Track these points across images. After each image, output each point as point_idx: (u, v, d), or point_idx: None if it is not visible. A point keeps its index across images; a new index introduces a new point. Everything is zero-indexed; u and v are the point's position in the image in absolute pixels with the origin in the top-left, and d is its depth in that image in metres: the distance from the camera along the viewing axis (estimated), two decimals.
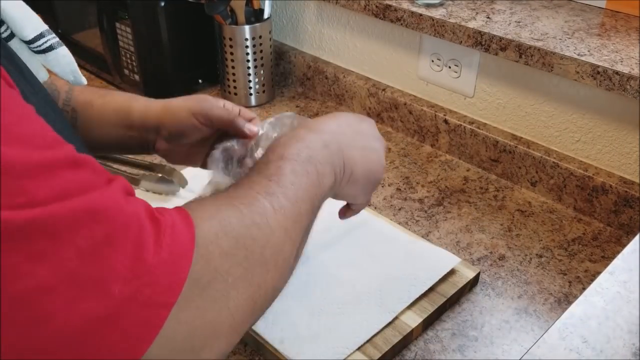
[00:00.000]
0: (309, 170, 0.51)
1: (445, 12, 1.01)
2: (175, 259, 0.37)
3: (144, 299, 0.34)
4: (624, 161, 0.91)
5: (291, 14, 1.31)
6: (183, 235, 0.38)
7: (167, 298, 0.36)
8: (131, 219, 0.36)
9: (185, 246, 0.38)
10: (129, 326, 0.34)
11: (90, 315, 0.33)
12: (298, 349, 0.68)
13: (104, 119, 0.70)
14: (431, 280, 0.76)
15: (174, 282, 0.36)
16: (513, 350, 0.72)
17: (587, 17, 0.99)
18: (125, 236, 0.35)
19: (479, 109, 1.06)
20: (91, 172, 0.36)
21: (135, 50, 1.18)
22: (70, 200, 0.33)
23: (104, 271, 0.33)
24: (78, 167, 0.35)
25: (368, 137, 0.62)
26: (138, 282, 0.34)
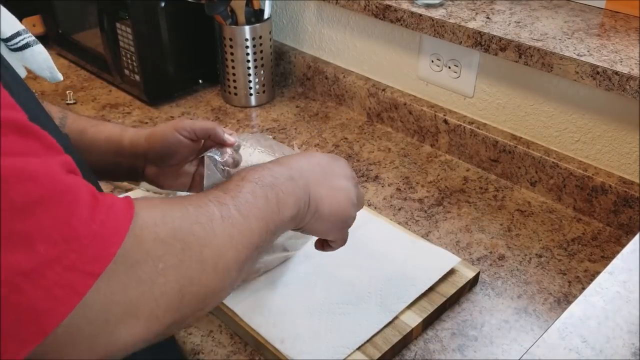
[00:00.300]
0: (269, 196, 0.52)
1: (445, 12, 1.02)
2: (107, 234, 0.37)
3: (69, 264, 0.35)
4: (623, 161, 0.91)
5: (291, 14, 1.31)
6: (120, 214, 0.39)
7: (93, 268, 0.36)
8: (68, 188, 0.37)
9: (120, 224, 0.39)
10: (51, 286, 0.35)
11: (14, 268, 0.34)
12: (298, 349, 0.68)
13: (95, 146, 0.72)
14: (431, 280, 0.76)
15: (102, 255, 0.37)
16: (513, 350, 0.72)
17: (587, 18, 0.99)
18: (60, 201, 0.36)
19: (479, 109, 1.06)
20: (38, 143, 0.37)
21: (135, 50, 1.18)
22: (11, 159, 0.34)
23: (32, 228, 0.34)
24: (26, 134, 0.36)
25: (338, 176, 0.62)
26: (65, 247, 0.35)
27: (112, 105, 1.26)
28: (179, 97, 1.29)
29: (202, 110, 1.24)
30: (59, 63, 1.42)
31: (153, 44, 1.19)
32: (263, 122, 1.20)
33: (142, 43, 1.18)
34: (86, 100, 1.27)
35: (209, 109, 1.25)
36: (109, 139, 0.72)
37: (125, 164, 0.73)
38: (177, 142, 0.70)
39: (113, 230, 0.38)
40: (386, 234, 0.85)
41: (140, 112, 1.23)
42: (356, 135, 1.16)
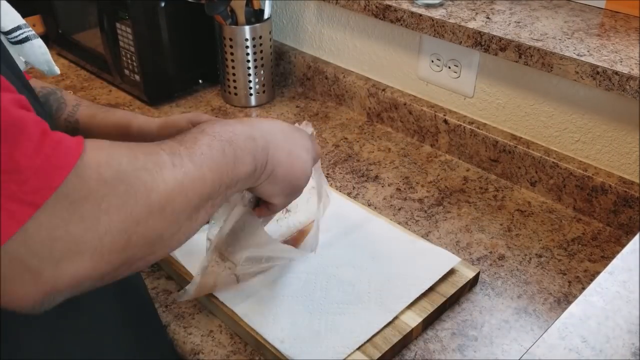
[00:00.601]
0: (226, 150, 0.51)
1: (445, 12, 1.02)
2: (50, 169, 0.38)
3: (9, 193, 0.36)
4: (623, 161, 0.91)
5: (291, 14, 1.31)
6: (67, 151, 0.40)
7: (33, 198, 0.37)
8: (15, 121, 0.37)
9: (64, 160, 0.39)
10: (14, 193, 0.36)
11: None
12: (298, 349, 0.68)
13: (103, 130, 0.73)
14: (431, 280, 0.76)
15: (43, 187, 0.38)
16: (513, 350, 0.72)
17: (587, 18, 0.99)
18: (4, 133, 0.37)
19: (479, 109, 1.06)
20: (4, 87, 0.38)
21: (135, 50, 1.18)
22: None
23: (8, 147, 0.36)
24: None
25: (298, 146, 0.63)
26: (6, 177, 0.36)
27: (112, 105, 1.26)
28: (179, 97, 1.29)
29: (202, 110, 1.24)
30: (59, 63, 1.42)
31: (153, 44, 1.19)
32: None
33: (142, 43, 1.18)
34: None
35: (209, 109, 1.25)
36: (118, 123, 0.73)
37: None
38: None
39: (57, 164, 0.39)
40: (386, 234, 0.85)
41: (140, 112, 1.23)
42: (356, 135, 1.16)
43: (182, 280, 0.79)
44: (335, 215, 0.88)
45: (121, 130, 0.73)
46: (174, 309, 0.77)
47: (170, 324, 0.75)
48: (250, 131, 0.56)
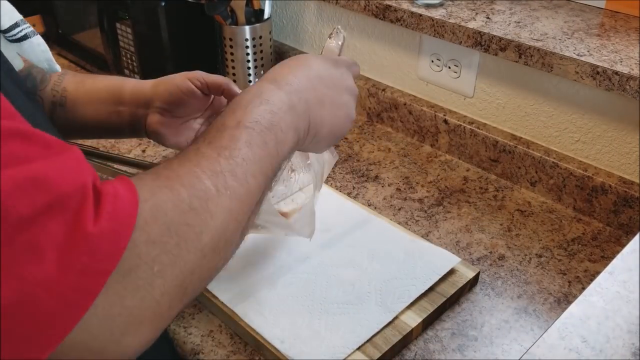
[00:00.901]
0: (267, 140, 0.48)
1: (445, 12, 1.02)
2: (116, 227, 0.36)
3: (81, 267, 0.35)
4: (623, 161, 0.91)
5: (291, 14, 1.31)
6: (126, 202, 0.38)
7: (106, 265, 0.35)
8: (73, 189, 0.36)
9: (128, 214, 0.37)
10: (65, 291, 0.34)
11: (28, 279, 0.33)
12: (298, 349, 0.68)
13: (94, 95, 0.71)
14: (431, 280, 0.76)
15: (113, 250, 0.36)
16: (513, 350, 0.72)
17: (587, 18, 0.99)
18: (65, 205, 0.35)
19: (479, 109, 1.06)
20: (40, 145, 0.36)
21: (135, 50, 1.18)
22: (14, 169, 0.33)
23: (40, 237, 0.34)
24: (28, 139, 0.35)
25: (340, 89, 0.57)
26: (75, 250, 0.34)
27: None
28: None
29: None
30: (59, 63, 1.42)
31: (153, 44, 1.19)
32: None
33: (142, 43, 1.18)
34: None
35: None
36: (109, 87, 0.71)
37: (127, 113, 0.71)
38: (188, 90, 0.68)
39: (121, 221, 0.37)
40: (386, 234, 0.85)
41: None
42: (356, 135, 1.16)
43: None
44: (335, 215, 0.88)
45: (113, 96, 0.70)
46: None
47: (170, 324, 0.75)
48: (289, 98, 0.51)
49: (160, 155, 1.08)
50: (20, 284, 0.33)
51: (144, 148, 1.10)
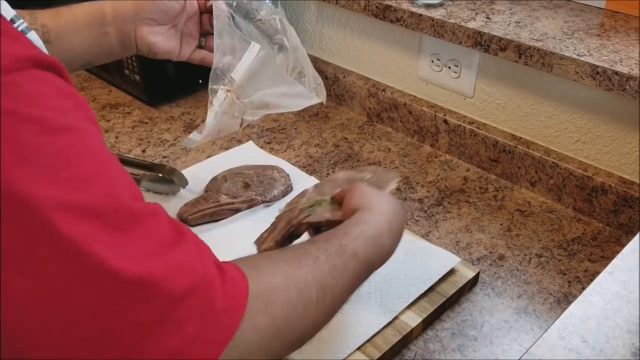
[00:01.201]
0: (361, 271, 0.56)
1: (445, 12, 1.02)
2: (234, 306, 0.43)
3: (207, 338, 0.41)
4: (623, 161, 0.91)
5: (291, 14, 1.31)
6: (240, 287, 0.44)
7: (223, 338, 0.42)
8: (209, 273, 0.42)
9: (242, 297, 0.44)
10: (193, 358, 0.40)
11: (167, 349, 0.39)
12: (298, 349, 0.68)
13: (75, 24, 0.72)
14: (431, 280, 0.76)
15: (231, 325, 0.42)
16: (513, 350, 0.72)
17: (587, 18, 0.99)
18: (205, 287, 0.41)
19: (479, 109, 1.06)
20: (166, 223, 0.42)
21: None
22: (160, 258, 0.39)
23: (184, 313, 0.40)
24: (156, 216, 0.42)
25: (402, 218, 0.65)
26: (206, 325, 0.41)
27: (112, 105, 1.26)
28: (179, 97, 1.29)
29: (202, 110, 1.24)
30: None
31: None
32: (263, 122, 1.20)
33: None
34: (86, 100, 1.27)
35: None
36: (89, 12, 0.73)
37: (114, 33, 0.73)
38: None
39: (238, 302, 0.43)
40: None
41: (140, 112, 1.23)
42: (356, 135, 1.16)
43: None
44: None
45: (96, 19, 0.72)
46: None
47: None
48: (379, 238, 0.59)
49: (160, 155, 1.08)
50: (162, 352, 0.39)
51: (144, 148, 1.10)
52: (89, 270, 0.36)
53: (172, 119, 1.21)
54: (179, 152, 1.10)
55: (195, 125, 1.18)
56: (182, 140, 1.13)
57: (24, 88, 0.37)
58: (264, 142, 1.12)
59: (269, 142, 1.13)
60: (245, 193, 0.91)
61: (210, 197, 0.90)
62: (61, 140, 0.37)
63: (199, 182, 0.96)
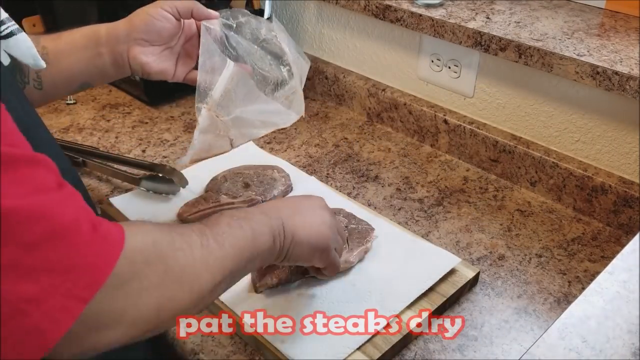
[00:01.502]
0: (244, 226, 0.57)
1: (445, 12, 1.02)
2: (99, 264, 0.43)
3: (65, 292, 0.41)
4: (623, 161, 0.91)
5: (291, 14, 1.31)
6: (112, 245, 0.45)
7: (85, 294, 0.42)
8: (71, 224, 0.42)
9: (111, 254, 0.44)
10: (51, 310, 0.40)
11: (20, 295, 0.39)
12: (298, 349, 0.68)
13: (72, 45, 0.76)
14: (431, 280, 0.76)
15: (93, 283, 0.42)
16: (513, 350, 0.72)
17: (587, 18, 0.99)
18: (63, 237, 0.41)
19: (479, 109, 1.06)
20: (45, 174, 0.43)
21: None
22: (24, 199, 0.40)
23: (37, 262, 0.40)
24: (35, 166, 0.42)
25: (312, 206, 0.68)
26: (64, 277, 0.41)
27: (112, 105, 1.26)
28: (179, 97, 1.29)
29: None
30: None
31: None
32: None
33: None
34: (86, 100, 1.27)
35: None
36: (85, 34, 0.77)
37: (107, 53, 0.76)
38: (162, 17, 0.75)
39: (105, 260, 0.43)
40: (386, 234, 0.85)
41: (140, 112, 1.23)
42: (356, 135, 1.16)
43: None
44: None
45: (91, 40, 0.76)
46: None
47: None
48: (261, 209, 0.63)
49: (160, 155, 1.08)
50: (13, 298, 0.39)
51: (144, 148, 1.10)
52: None
53: (172, 119, 1.21)
54: (179, 152, 1.10)
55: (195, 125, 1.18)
56: (182, 140, 1.13)
57: None
58: (264, 142, 1.12)
59: (269, 142, 1.13)
60: (245, 193, 0.91)
61: (210, 197, 0.90)
62: None
63: (199, 182, 0.96)
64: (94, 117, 1.21)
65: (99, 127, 1.17)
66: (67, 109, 1.24)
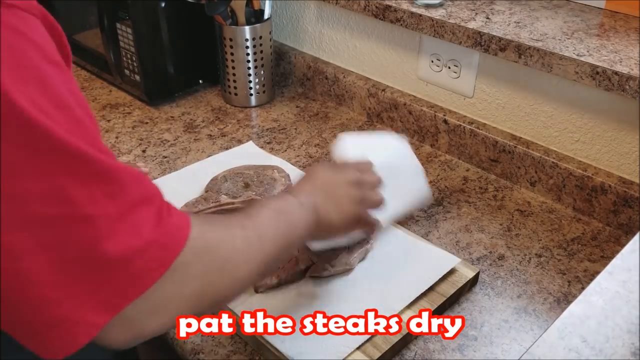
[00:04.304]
0: (281, 219, 0.61)
1: (444, 12, 1.02)
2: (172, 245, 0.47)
3: (157, 252, 0.46)
4: (623, 161, 0.91)
5: (291, 14, 1.32)
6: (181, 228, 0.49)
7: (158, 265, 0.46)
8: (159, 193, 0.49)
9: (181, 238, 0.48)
10: (149, 259, 0.45)
11: (131, 245, 0.44)
12: (298, 349, 0.68)
13: None
14: (431, 280, 0.76)
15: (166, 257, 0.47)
16: (512, 350, 0.72)
17: (587, 18, 0.99)
18: (156, 207, 0.47)
19: (479, 109, 1.06)
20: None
21: (135, 50, 1.18)
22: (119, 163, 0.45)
23: (141, 217, 0.45)
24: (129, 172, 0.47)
25: (341, 186, 0.70)
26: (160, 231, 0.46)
27: (112, 105, 1.26)
28: (179, 97, 1.29)
29: (202, 110, 1.24)
30: None
31: (153, 44, 1.19)
32: (263, 122, 1.20)
33: (142, 43, 1.18)
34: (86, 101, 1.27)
35: (209, 109, 1.25)
36: None
37: None
38: None
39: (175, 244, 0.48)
40: (386, 234, 0.85)
41: (140, 112, 1.23)
42: None
43: None
44: None
45: None
46: None
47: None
48: (298, 199, 0.65)
49: (161, 155, 1.08)
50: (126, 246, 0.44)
51: (144, 148, 1.11)
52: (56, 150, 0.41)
53: (172, 119, 1.21)
54: (179, 152, 1.10)
55: (195, 125, 1.19)
56: (182, 140, 1.13)
57: (28, 21, 0.42)
58: (264, 142, 1.13)
59: (269, 142, 1.13)
60: (245, 193, 0.91)
61: (210, 197, 0.90)
62: (57, 74, 0.43)
63: (199, 182, 0.96)
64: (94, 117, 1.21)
65: (99, 127, 1.17)
66: None
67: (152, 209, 0.47)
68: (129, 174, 0.46)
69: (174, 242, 0.47)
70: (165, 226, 0.47)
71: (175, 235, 0.48)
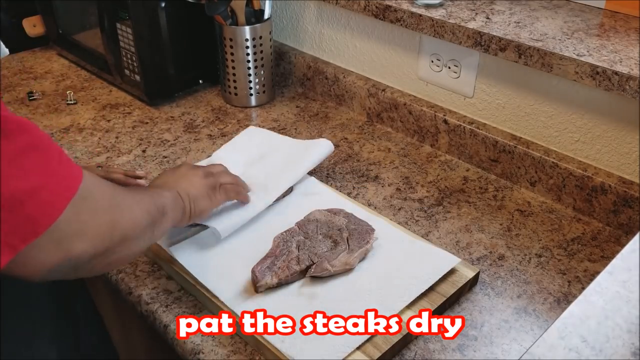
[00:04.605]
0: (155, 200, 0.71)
1: (444, 12, 1.02)
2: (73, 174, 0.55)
3: (52, 189, 0.52)
4: (623, 161, 0.91)
5: (291, 14, 1.32)
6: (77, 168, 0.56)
7: (67, 194, 0.53)
8: (52, 142, 0.54)
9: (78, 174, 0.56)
10: (43, 202, 0.51)
11: (18, 189, 0.49)
12: (298, 348, 0.68)
13: None
14: (431, 279, 0.76)
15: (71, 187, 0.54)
16: (512, 350, 0.72)
17: (587, 18, 0.99)
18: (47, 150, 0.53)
19: (479, 109, 1.06)
20: None
21: (135, 50, 1.18)
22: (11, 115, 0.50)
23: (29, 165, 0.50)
24: None
25: (187, 169, 0.82)
26: (49, 179, 0.52)
27: (112, 105, 1.26)
28: (179, 97, 1.29)
29: (202, 110, 1.24)
30: (60, 63, 1.42)
31: (153, 44, 1.19)
32: (263, 122, 1.20)
33: (142, 43, 1.18)
34: (86, 101, 1.27)
35: (209, 109, 1.25)
36: None
37: None
38: None
39: (74, 177, 0.55)
40: (386, 234, 0.85)
41: (140, 112, 1.23)
42: (356, 135, 1.16)
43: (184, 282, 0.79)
44: None
45: None
46: (174, 309, 0.77)
47: (170, 324, 0.75)
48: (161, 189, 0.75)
49: (161, 155, 1.08)
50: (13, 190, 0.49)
51: (144, 148, 1.11)
52: None
53: (172, 119, 1.21)
54: (179, 152, 1.10)
55: (195, 125, 1.19)
56: (182, 140, 1.13)
57: None
58: None
59: None
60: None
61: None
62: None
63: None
64: (94, 117, 1.21)
65: (99, 127, 1.18)
66: (68, 109, 1.24)
67: (43, 154, 0.52)
68: (18, 122, 0.50)
69: (75, 173, 0.54)
70: (57, 173, 0.52)
71: (74, 168, 0.54)
